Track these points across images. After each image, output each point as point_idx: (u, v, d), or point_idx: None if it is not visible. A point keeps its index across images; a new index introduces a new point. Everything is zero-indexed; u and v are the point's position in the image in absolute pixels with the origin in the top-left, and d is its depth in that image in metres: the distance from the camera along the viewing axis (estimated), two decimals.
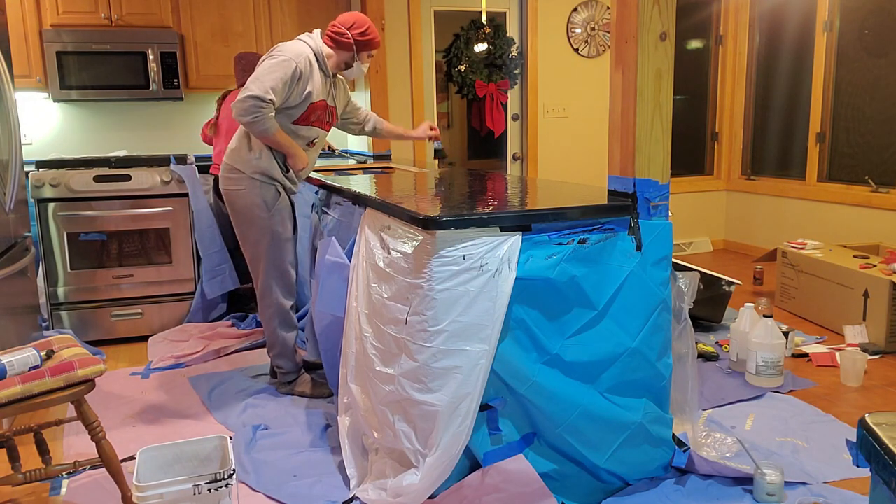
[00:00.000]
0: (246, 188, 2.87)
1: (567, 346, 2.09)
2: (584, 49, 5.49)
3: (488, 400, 2.04)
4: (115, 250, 3.89)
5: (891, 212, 4.56)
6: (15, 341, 2.87)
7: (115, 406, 3.06)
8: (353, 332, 2.40)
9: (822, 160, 5.14)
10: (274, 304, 3.00)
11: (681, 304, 2.28)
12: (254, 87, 2.66)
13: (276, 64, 2.70)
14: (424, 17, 5.07)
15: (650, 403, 2.21)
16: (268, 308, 3.00)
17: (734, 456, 2.44)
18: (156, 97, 4.28)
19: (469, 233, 1.99)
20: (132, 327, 3.97)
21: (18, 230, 3.18)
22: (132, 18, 4.22)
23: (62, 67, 4.07)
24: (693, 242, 6.05)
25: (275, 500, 2.26)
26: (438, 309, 1.96)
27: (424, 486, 2.00)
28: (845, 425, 2.71)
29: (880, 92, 4.65)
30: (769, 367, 3.04)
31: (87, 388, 2.06)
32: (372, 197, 2.41)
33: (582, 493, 2.18)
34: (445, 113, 5.32)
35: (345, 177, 3.33)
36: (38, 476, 2.11)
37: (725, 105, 5.97)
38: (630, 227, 2.17)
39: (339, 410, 2.50)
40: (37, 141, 4.45)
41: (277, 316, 3.01)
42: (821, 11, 5.01)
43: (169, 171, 3.94)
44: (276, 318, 3.01)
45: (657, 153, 2.20)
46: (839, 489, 2.25)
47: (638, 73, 2.13)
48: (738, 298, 4.42)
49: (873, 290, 3.52)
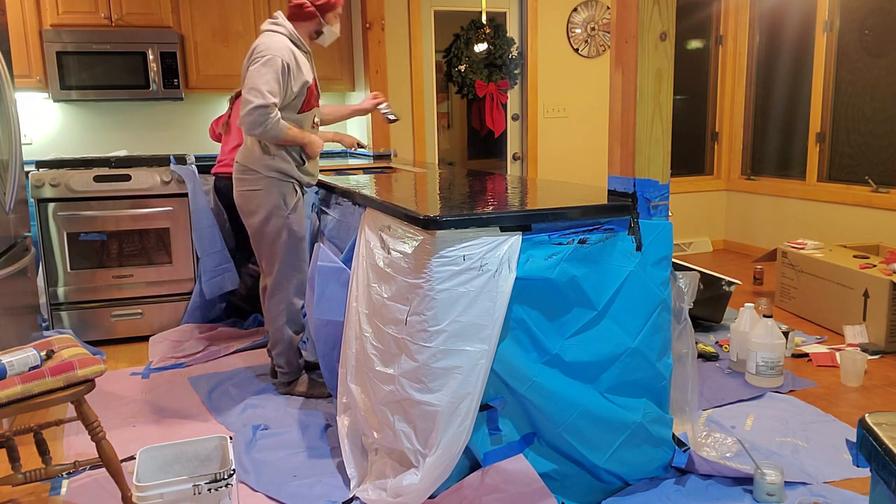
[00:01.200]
0: (263, 188, 2.88)
1: (567, 346, 2.09)
2: (584, 49, 5.49)
3: (488, 400, 2.05)
4: (115, 250, 3.89)
5: (891, 212, 4.56)
6: (15, 341, 2.87)
7: (115, 406, 3.06)
8: (353, 332, 2.40)
9: (822, 160, 5.14)
10: (285, 301, 3.00)
11: (681, 304, 2.28)
12: (251, 96, 2.67)
13: (263, 65, 2.71)
14: (424, 17, 5.07)
15: (650, 403, 2.21)
16: (278, 305, 3.00)
17: (734, 456, 2.44)
18: (156, 97, 4.28)
19: (469, 233, 1.99)
20: (132, 327, 3.97)
21: (18, 230, 3.18)
22: (132, 18, 4.22)
23: (62, 67, 4.07)
24: (693, 242, 6.05)
25: (275, 500, 2.26)
26: (438, 309, 1.96)
27: (424, 486, 2.00)
28: (845, 425, 2.71)
29: (880, 92, 4.65)
30: (769, 367, 3.04)
31: (87, 388, 2.06)
32: (372, 197, 2.41)
33: (582, 493, 2.18)
34: (445, 113, 5.32)
35: (345, 177, 3.33)
36: (38, 476, 2.11)
37: (725, 105, 5.97)
38: (630, 227, 2.17)
39: (339, 411, 2.51)
40: (37, 141, 4.45)
41: (287, 314, 3.01)
42: (821, 11, 5.01)
43: (169, 171, 3.94)
44: (284, 316, 3.01)
45: (657, 153, 2.20)
46: (839, 489, 2.25)
47: (638, 73, 2.13)
48: (738, 298, 4.42)
49: (873, 290, 3.52)
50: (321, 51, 4.62)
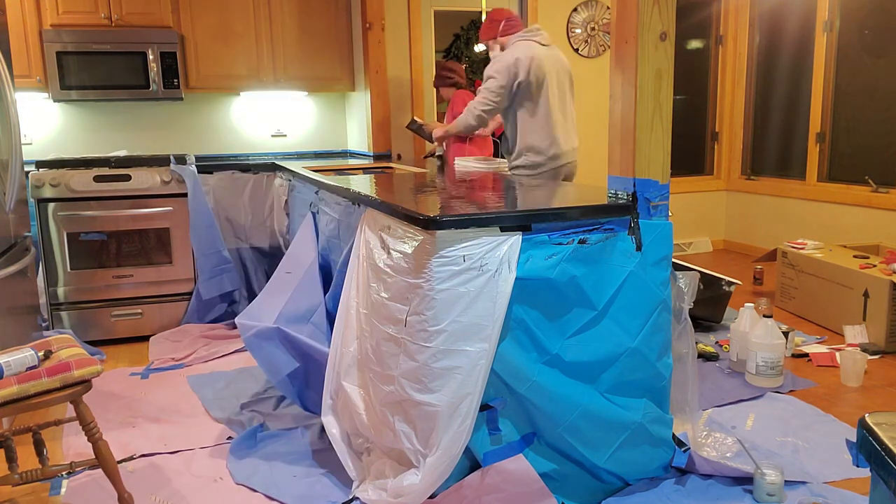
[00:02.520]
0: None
1: (567, 346, 2.09)
2: (584, 49, 5.48)
3: (488, 400, 2.04)
4: (114, 250, 3.89)
5: (891, 212, 4.56)
6: (15, 341, 2.87)
7: (115, 406, 3.06)
8: (352, 331, 2.39)
9: (822, 160, 5.14)
10: None
11: (681, 304, 2.28)
12: None
13: None
14: (424, 17, 5.07)
15: (650, 403, 2.21)
16: None
17: (734, 456, 2.44)
18: (156, 97, 4.28)
19: (469, 233, 1.99)
20: (132, 327, 3.97)
21: (18, 230, 3.18)
22: (132, 18, 4.22)
23: (62, 67, 4.07)
24: (693, 242, 6.05)
25: (275, 500, 2.26)
26: (438, 309, 1.96)
27: (425, 486, 2.00)
28: (845, 425, 2.71)
29: (880, 92, 4.65)
30: (769, 367, 3.04)
31: (84, 388, 2.06)
32: (372, 197, 2.41)
33: (582, 493, 2.18)
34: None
35: (345, 177, 3.33)
36: (35, 476, 2.10)
37: (725, 105, 5.97)
38: (630, 227, 2.17)
39: (323, 411, 2.48)
40: (37, 141, 4.45)
41: None
42: (821, 11, 5.01)
43: (169, 171, 3.94)
44: None
45: (657, 153, 2.19)
46: (839, 489, 2.25)
47: (638, 73, 2.13)
48: (738, 298, 4.42)
49: (873, 290, 3.52)
50: (320, 51, 4.62)
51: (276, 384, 2.65)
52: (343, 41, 4.68)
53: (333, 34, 4.65)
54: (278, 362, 2.61)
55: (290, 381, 2.64)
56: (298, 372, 2.64)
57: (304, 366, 2.64)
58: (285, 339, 2.59)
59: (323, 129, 5.07)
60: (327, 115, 5.06)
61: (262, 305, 2.75)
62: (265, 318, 2.66)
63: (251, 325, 2.61)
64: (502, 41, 3.44)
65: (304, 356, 2.61)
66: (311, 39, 4.60)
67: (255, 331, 2.60)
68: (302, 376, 2.66)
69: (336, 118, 5.09)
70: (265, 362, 2.64)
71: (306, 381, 2.66)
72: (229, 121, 4.82)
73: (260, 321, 2.63)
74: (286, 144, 4.99)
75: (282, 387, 2.65)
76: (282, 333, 2.59)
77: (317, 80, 4.67)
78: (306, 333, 2.70)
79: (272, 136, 4.94)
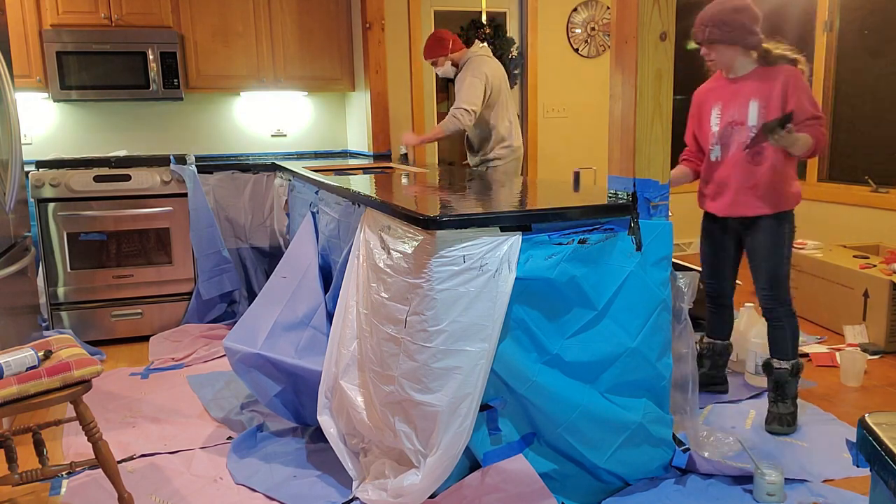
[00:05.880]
0: None
1: (567, 346, 2.09)
2: (584, 49, 5.48)
3: (488, 400, 2.04)
4: (114, 250, 3.89)
5: (891, 212, 4.56)
6: (15, 341, 2.87)
7: (115, 406, 3.06)
8: (351, 332, 2.39)
9: (822, 160, 5.14)
10: None
11: (681, 304, 2.28)
12: None
13: None
14: (424, 17, 5.07)
15: (650, 403, 2.21)
16: None
17: (734, 455, 2.44)
18: (156, 97, 4.28)
19: (469, 233, 1.98)
20: (132, 327, 3.97)
21: (18, 230, 3.18)
22: (132, 18, 4.22)
23: (62, 67, 4.07)
24: (693, 242, 6.05)
25: (275, 500, 2.26)
26: (438, 309, 1.96)
27: (425, 486, 2.00)
28: (845, 425, 2.71)
29: (880, 92, 4.65)
30: None
31: (84, 388, 2.06)
32: (372, 197, 2.41)
33: (582, 493, 2.18)
34: (445, 113, 5.31)
35: (345, 177, 3.33)
36: (35, 477, 2.10)
37: None
38: (630, 227, 2.17)
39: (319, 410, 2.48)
40: (37, 141, 4.45)
41: None
42: (821, 11, 5.01)
43: (169, 171, 3.94)
44: None
45: (657, 153, 2.19)
46: (839, 489, 2.25)
47: (638, 73, 2.13)
48: (738, 298, 4.40)
49: (873, 290, 3.52)
50: (320, 51, 4.62)
51: (267, 405, 2.66)
52: (343, 41, 4.68)
53: (333, 34, 4.65)
54: (264, 385, 2.62)
55: (280, 402, 2.65)
56: (288, 392, 2.65)
57: (292, 385, 2.64)
58: (268, 363, 2.59)
59: (323, 129, 5.07)
60: (327, 115, 5.06)
61: (252, 322, 2.73)
62: (252, 338, 2.65)
63: (236, 350, 2.61)
64: (454, 57, 3.94)
65: (292, 375, 2.61)
66: (310, 39, 4.60)
67: (239, 356, 2.61)
68: (293, 395, 2.66)
69: (336, 118, 5.09)
70: (252, 386, 2.65)
71: (299, 399, 2.67)
72: (229, 121, 4.82)
73: (246, 343, 2.62)
74: (286, 144, 4.99)
75: (273, 407, 2.66)
76: (263, 359, 2.59)
77: (317, 79, 4.67)
78: (305, 338, 2.70)
79: (272, 136, 4.94)
